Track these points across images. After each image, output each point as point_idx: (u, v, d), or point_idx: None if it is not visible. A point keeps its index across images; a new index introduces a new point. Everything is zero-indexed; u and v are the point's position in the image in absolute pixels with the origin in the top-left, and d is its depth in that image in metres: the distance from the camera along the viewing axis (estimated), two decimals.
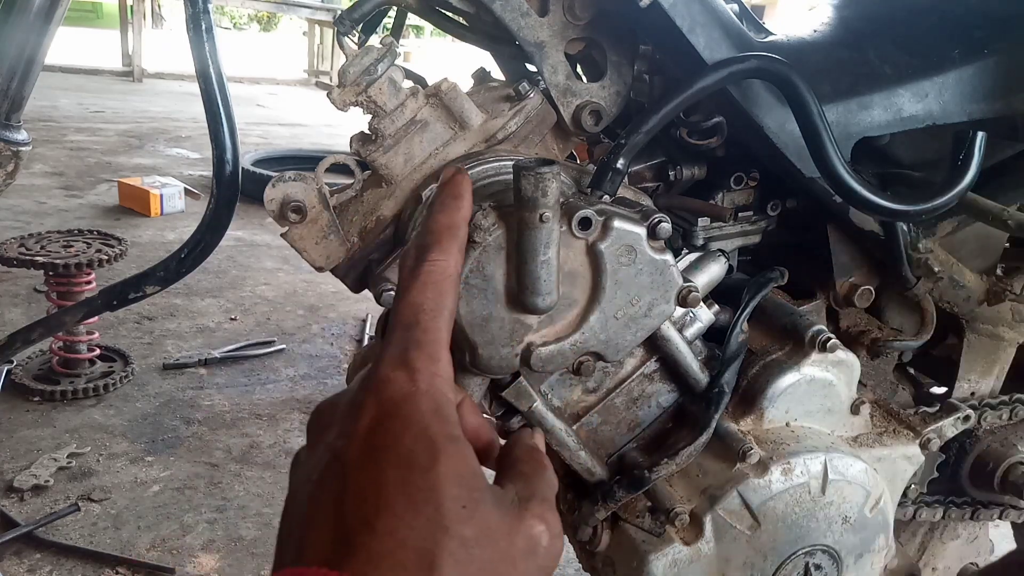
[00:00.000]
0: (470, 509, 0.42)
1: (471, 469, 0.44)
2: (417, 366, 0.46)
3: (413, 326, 0.48)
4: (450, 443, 0.44)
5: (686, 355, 0.87)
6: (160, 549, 1.98)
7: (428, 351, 0.47)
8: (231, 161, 0.96)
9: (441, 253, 0.52)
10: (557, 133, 0.93)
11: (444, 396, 0.46)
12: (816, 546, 0.90)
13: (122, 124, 7.34)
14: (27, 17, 0.94)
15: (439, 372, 0.46)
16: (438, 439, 0.43)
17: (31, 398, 2.58)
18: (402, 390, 0.45)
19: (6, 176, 1.01)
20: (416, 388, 0.45)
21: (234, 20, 25.51)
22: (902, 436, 0.97)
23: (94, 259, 2.51)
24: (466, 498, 0.42)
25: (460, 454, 0.44)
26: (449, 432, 0.44)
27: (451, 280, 0.51)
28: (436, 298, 0.49)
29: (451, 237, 0.53)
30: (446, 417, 0.45)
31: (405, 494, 0.41)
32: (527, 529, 0.45)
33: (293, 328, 3.34)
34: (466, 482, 0.43)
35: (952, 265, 1.06)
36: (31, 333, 1.05)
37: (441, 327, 0.49)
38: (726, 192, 1.00)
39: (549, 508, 0.47)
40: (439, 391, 0.46)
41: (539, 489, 0.48)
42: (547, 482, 0.50)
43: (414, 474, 0.42)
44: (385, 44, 0.81)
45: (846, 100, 0.91)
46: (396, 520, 0.40)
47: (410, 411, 0.44)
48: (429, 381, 0.45)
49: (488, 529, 0.42)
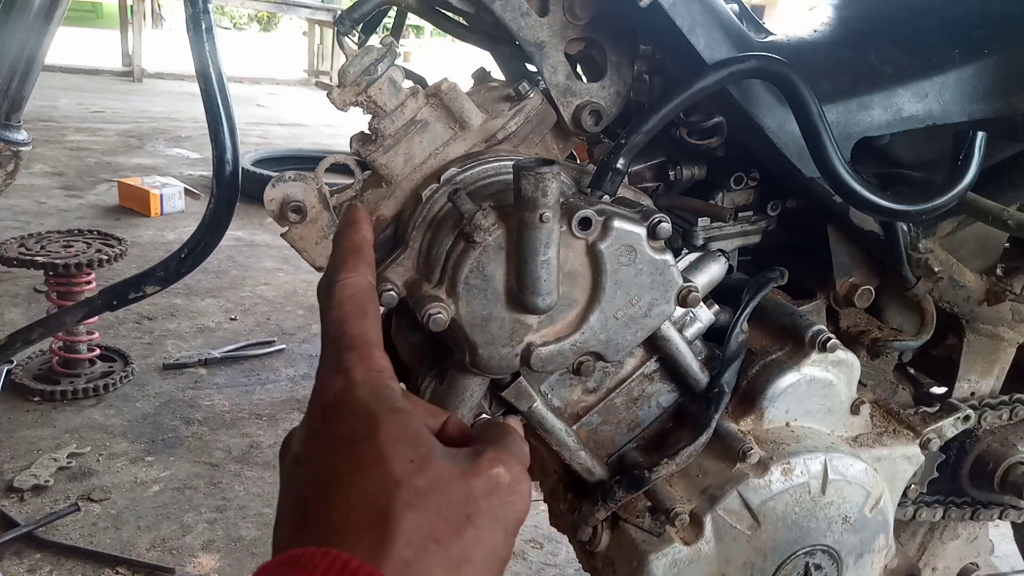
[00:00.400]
0: (418, 462, 0.43)
1: (414, 429, 0.45)
2: (350, 366, 0.48)
3: (340, 337, 0.50)
4: (389, 413, 0.45)
5: (686, 355, 0.87)
6: (160, 549, 1.98)
7: (359, 351, 0.49)
8: (231, 161, 0.96)
9: (348, 271, 0.54)
10: (557, 133, 0.93)
11: (383, 384, 0.47)
12: (816, 546, 0.90)
13: (122, 124, 7.34)
14: (27, 17, 0.94)
15: (373, 367, 0.48)
16: (377, 412, 0.45)
17: (31, 398, 2.58)
18: (339, 388, 0.47)
19: (6, 176, 1.01)
20: (352, 383, 0.47)
21: (234, 20, 25.51)
22: (902, 436, 0.97)
23: (94, 259, 2.51)
24: (412, 453, 0.44)
25: (400, 420, 0.45)
26: (388, 406, 0.46)
27: (365, 291, 0.53)
28: (354, 308, 0.52)
29: (355, 255, 0.56)
30: (385, 397, 0.47)
31: (352, 464, 0.43)
32: (483, 471, 0.45)
33: (293, 328, 3.34)
34: (410, 440, 0.44)
35: (952, 265, 1.06)
36: (31, 333, 1.05)
37: (367, 330, 0.51)
38: (726, 192, 1.00)
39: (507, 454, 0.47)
40: (376, 380, 0.47)
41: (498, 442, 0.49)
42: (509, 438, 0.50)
43: (358, 445, 0.44)
44: (385, 44, 0.81)
45: (846, 100, 0.91)
46: (346, 488, 0.42)
47: (349, 400, 0.46)
48: (364, 375, 0.47)
49: (440, 476, 0.44)
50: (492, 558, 0.44)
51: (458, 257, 0.69)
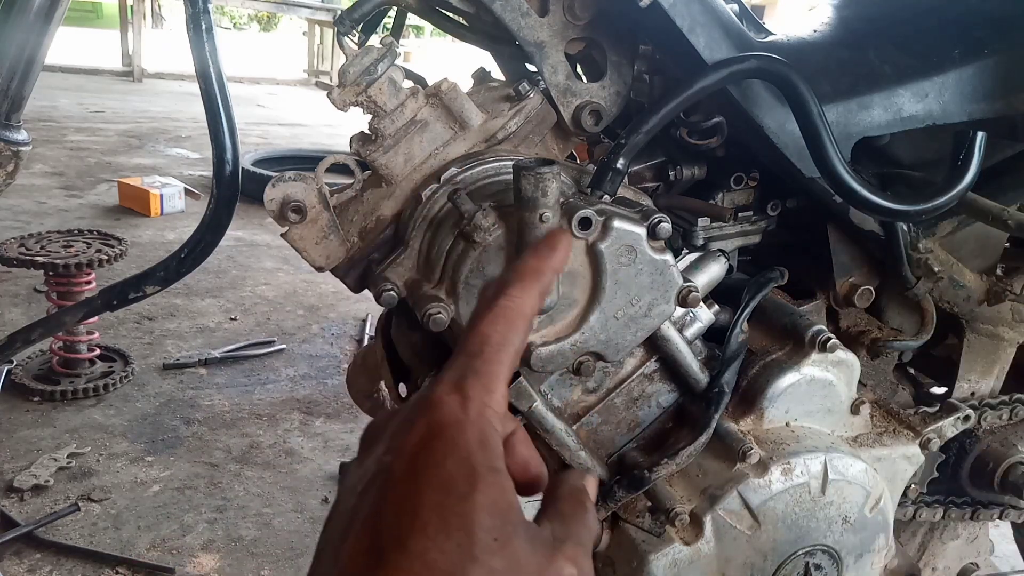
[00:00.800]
0: (501, 541, 0.42)
1: (508, 502, 0.44)
2: (471, 394, 0.47)
3: (476, 355, 0.49)
4: (490, 474, 0.44)
5: (686, 355, 0.87)
6: (160, 549, 1.98)
7: (484, 382, 0.48)
8: (231, 161, 0.96)
9: (521, 291, 0.53)
10: (557, 133, 0.93)
11: (491, 427, 0.47)
12: (816, 546, 0.90)
13: (122, 124, 7.33)
14: (27, 17, 0.94)
15: (491, 404, 0.47)
16: (479, 468, 0.44)
17: (31, 398, 2.58)
18: (452, 415, 0.46)
19: (6, 176, 1.01)
20: (466, 416, 0.46)
21: (234, 20, 25.51)
22: (902, 436, 0.97)
23: (94, 259, 2.51)
24: (499, 530, 0.43)
25: (499, 485, 0.44)
26: (491, 463, 0.45)
27: (524, 319, 0.52)
28: (505, 332, 0.51)
29: (534, 279, 0.54)
30: (490, 448, 0.46)
31: (440, 517, 0.42)
32: (557, 570, 0.45)
33: (293, 328, 3.34)
34: (501, 514, 0.43)
35: (952, 265, 1.06)
36: (31, 333, 1.05)
37: (503, 361, 0.50)
38: (726, 192, 1.00)
39: (583, 553, 0.47)
40: (487, 422, 0.47)
41: (576, 532, 0.48)
42: (586, 526, 0.50)
43: (451, 499, 0.43)
44: (385, 44, 0.81)
45: (846, 100, 0.91)
46: (428, 542, 0.41)
47: (456, 436, 0.45)
48: (479, 411, 0.46)
49: (517, 564, 0.43)
50: None
51: (458, 257, 0.69)
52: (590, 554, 0.48)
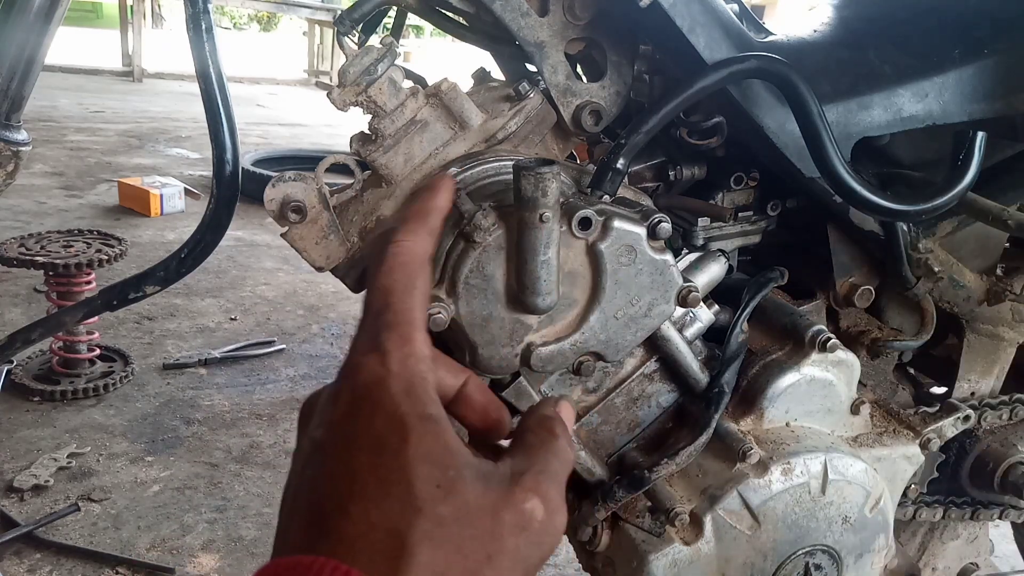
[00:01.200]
0: (445, 487, 0.41)
1: (445, 446, 0.42)
2: (388, 347, 0.45)
3: (384, 310, 0.47)
4: (421, 422, 0.42)
5: (686, 355, 0.87)
6: (160, 549, 1.98)
7: (399, 332, 0.46)
8: (231, 161, 0.96)
9: (408, 235, 0.51)
10: (557, 133, 0.93)
11: (418, 375, 0.45)
12: (816, 546, 0.90)
13: (122, 124, 7.33)
14: (27, 17, 0.94)
15: (412, 352, 0.45)
16: (408, 419, 0.42)
17: (31, 398, 2.58)
18: (374, 373, 0.44)
19: (6, 176, 1.01)
20: (388, 370, 0.44)
21: (234, 20, 25.50)
22: (902, 436, 0.97)
23: (94, 259, 2.51)
24: (440, 477, 0.41)
25: (432, 432, 0.42)
26: (421, 411, 0.43)
27: (419, 260, 0.50)
28: (405, 279, 0.48)
29: (419, 220, 0.52)
30: (418, 396, 0.44)
31: (376, 477, 0.41)
32: (516, 503, 0.42)
33: (293, 328, 3.34)
34: (439, 460, 0.42)
35: (952, 265, 1.06)
36: (31, 333, 1.05)
37: (412, 307, 0.47)
38: (726, 192, 1.00)
39: (547, 480, 0.45)
40: (412, 371, 0.44)
41: (539, 461, 0.46)
42: (553, 453, 0.47)
43: (385, 456, 0.41)
44: (385, 44, 0.81)
45: (846, 100, 0.91)
46: (368, 503, 0.40)
47: (381, 394, 0.43)
48: (401, 362, 0.44)
49: (467, 506, 0.41)
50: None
51: (458, 257, 0.69)
52: (560, 483, 0.46)
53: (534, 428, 0.49)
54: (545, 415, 0.51)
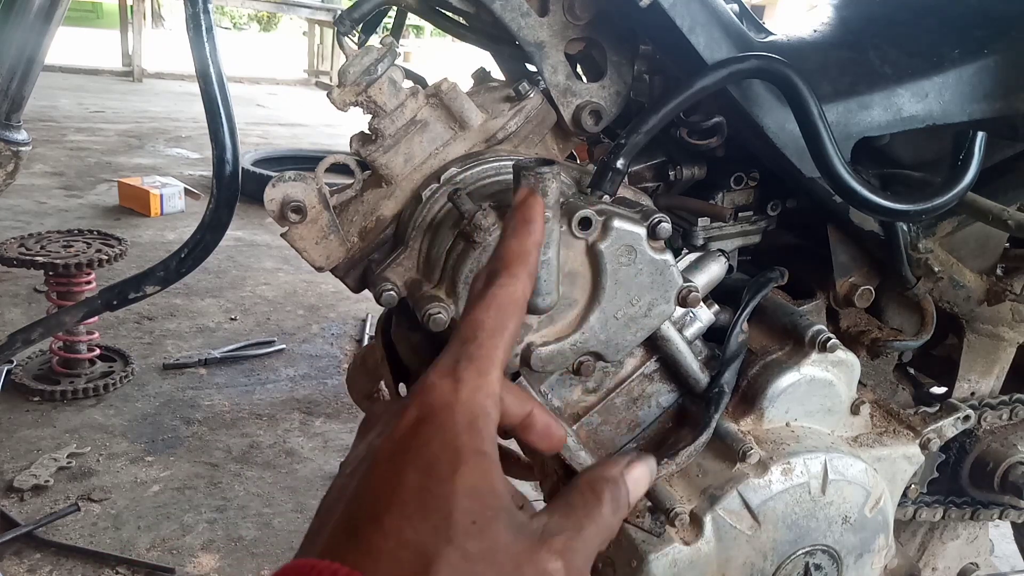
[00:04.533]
0: (480, 525, 0.42)
1: (491, 486, 0.44)
2: (463, 377, 0.46)
3: (470, 341, 0.48)
4: (475, 456, 0.44)
5: (686, 355, 0.87)
6: (160, 549, 1.98)
7: (478, 365, 0.47)
8: (231, 161, 0.96)
9: (510, 279, 0.52)
10: (557, 133, 0.93)
11: (483, 410, 0.46)
12: (816, 546, 0.90)
13: (122, 124, 7.33)
14: (27, 17, 0.94)
15: (484, 387, 0.47)
16: (464, 451, 0.44)
17: (31, 398, 2.58)
18: (442, 398, 0.45)
19: (6, 176, 1.01)
20: (456, 398, 0.45)
21: (234, 20, 25.50)
22: (902, 436, 0.97)
23: (94, 259, 2.51)
24: (478, 514, 0.42)
25: (482, 469, 0.44)
26: (477, 446, 0.44)
27: (516, 304, 0.51)
28: (498, 318, 0.50)
29: (521, 263, 0.53)
30: (478, 431, 0.45)
31: (418, 498, 0.42)
32: (540, 561, 0.43)
33: (293, 328, 3.34)
34: (482, 498, 0.43)
35: (952, 265, 1.06)
36: (31, 333, 1.05)
37: (498, 345, 0.49)
38: (726, 192, 1.00)
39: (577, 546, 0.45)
40: (479, 405, 0.46)
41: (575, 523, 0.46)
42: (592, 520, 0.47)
43: (432, 480, 0.42)
44: (385, 44, 0.81)
45: (846, 100, 0.91)
46: (404, 521, 0.41)
47: (444, 419, 0.45)
48: (471, 394, 0.46)
49: (494, 549, 0.42)
50: None
51: (458, 257, 0.69)
52: (590, 550, 0.46)
53: (583, 488, 0.50)
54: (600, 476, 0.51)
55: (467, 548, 0.41)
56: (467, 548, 0.41)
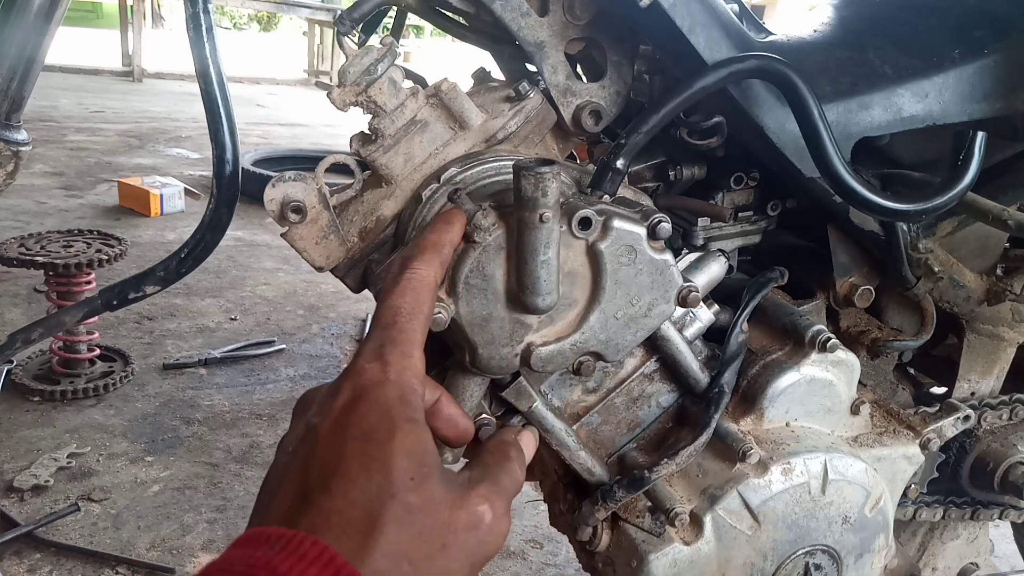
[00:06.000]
0: (417, 481, 0.47)
1: (424, 447, 0.49)
2: (390, 359, 0.51)
3: (390, 326, 0.54)
4: (408, 423, 0.49)
5: (686, 355, 0.87)
6: (160, 549, 1.98)
7: (401, 348, 0.52)
8: (231, 161, 0.96)
9: (423, 264, 0.58)
10: (557, 133, 0.93)
11: (411, 387, 0.51)
12: (816, 546, 0.90)
13: (122, 124, 7.33)
14: (27, 17, 0.94)
15: (409, 367, 0.52)
16: (398, 419, 0.48)
17: (31, 398, 2.58)
18: (373, 378, 0.50)
19: (6, 176, 1.01)
20: (386, 377, 0.50)
21: (234, 20, 25.49)
22: (902, 436, 0.97)
23: (94, 259, 2.51)
24: (415, 471, 0.47)
25: (415, 434, 0.49)
26: (409, 415, 0.49)
27: (429, 288, 0.57)
28: (413, 302, 0.55)
29: (434, 252, 0.59)
30: (409, 403, 0.50)
31: (361, 462, 0.46)
32: (470, 506, 0.49)
33: (293, 328, 3.34)
34: (417, 457, 0.48)
35: (952, 265, 1.06)
36: (31, 333, 1.05)
37: (416, 328, 0.54)
38: (726, 192, 1.00)
39: (497, 492, 0.52)
40: (407, 382, 0.51)
41: (494, 476, 0.53)
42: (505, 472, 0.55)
43: (371, 446, 0.47)
44: (385, 44, 0.81)
45: (846, 100, 0.91)
46: (349, 483, 0.45)
47: (377, 395, 0.49)
48: (399, 373, 0.51)
49: (432, 500, 0.47)
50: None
51: (458, 257, 0.69)
52: (508, 498, 0.53)
53: (492, 449, 0.58)
54: (503, 440, 0.60)
55: (408, 501, 0.46)
56: (408, 501, 0.46)
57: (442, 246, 0.60)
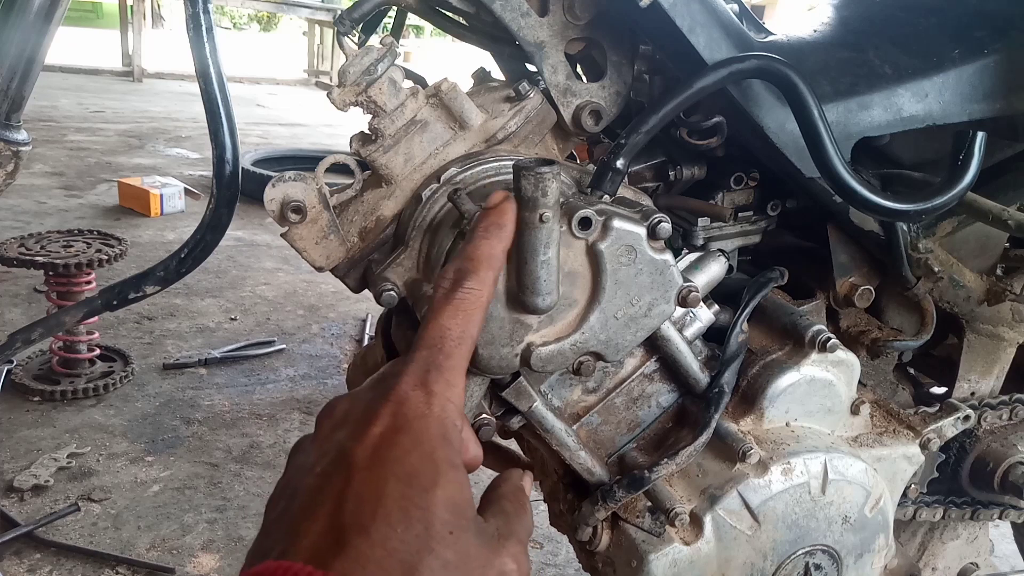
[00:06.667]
0: (455, 535, 0.45)
1: (464, 499, 0.47)
2: (435, 389, 0.49)
3: (437, 349, 0.51)
4: (451, 469, 0.47)
5: (686, 355, 0.87)
6: (160, 549, 1.98)
7: (447, 376, 0.50)
8: (231, 161, 0.96)
9: (477, 282, 0.54)
10: (557, 133, 0.93)
11: (453, 423, 0.49)
12: (816, 546, 0.90)
13: (122, 124, 7.33)
14: (27, 17, 0.94)
15: (452, 399, 0.50)
16: (441, 464, 0.47)
17: (31, 398, 2.58)
18: (417, 409, 0.48)
19: (6, 176, 1.01)
20: (430, 411, 0.48)
21: (234, 20, 25.50)
22: (902, 436, 0.97)
23: (94, 259, 2.51)
24: (454, 524, 0.45)
25: (458, 482, 0.47)
26: (451, 459, 0.48)
27: (481, 310, 0.54)
28: (463, 325, 0.53)
29: (489, 267, 0.56)
30: (452, 444, 0.48)
31: (402, 508, 0.44)
32: (500, 564, 0.48)
33: (293, 328, 3.34)
34: (457, 509, 0.46)
35: (952, 265, 1.06)
36: (31, 333, 1.05)
37: (463, 354, 0.52)
38: (726, 192, 1.00)
39: (523, 550, 0.51)
40: (449, 418, 0.49)
41: (517, 530, 0.52)
42: (525, 525, 0.53)
43: (414, 491, 0.45)
44: (385, 44, 0.81)
45: (846, 100, 0.91)
46: (389, 530, 0.43)
47: (421, 431, 0.47)
48: (442, 406, 0.49)
49: (467, 556, 0.45)
50: None
51: None
52: (526, 548, 0.52)
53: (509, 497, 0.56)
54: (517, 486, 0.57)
55: (445, 557, 0.44)
56: (445, 557, 0.44)
57: (495, 257, 0.57)
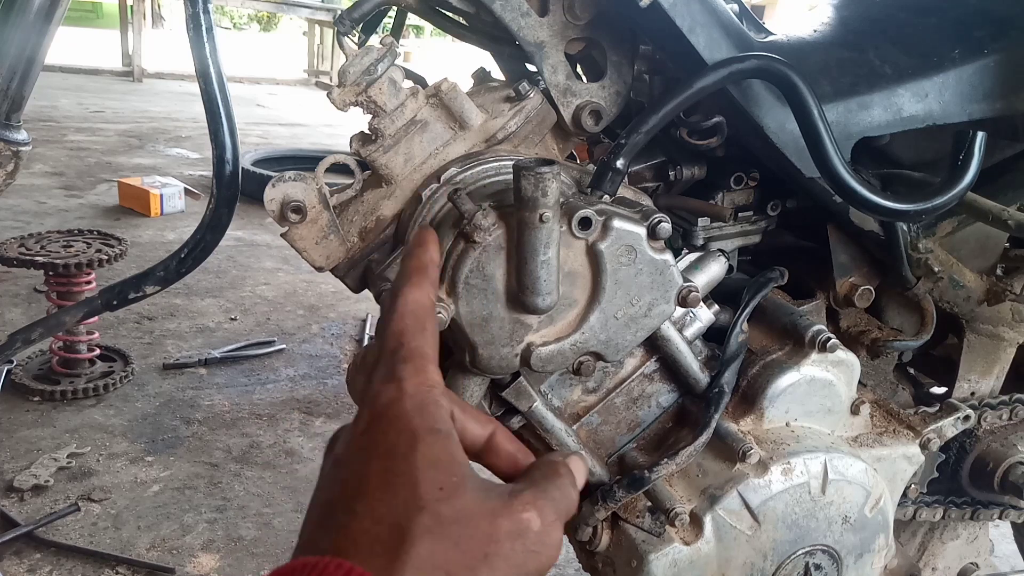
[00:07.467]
0: (448, 490, 0.44)
1: (450, 456, 0.46)
2: (403, 376, 0.49)
3: (398, 348, 0.52)
4: (430, 433, 0.46)
5: (686, 355, 0.87)
6: (160, 549, 1.98)
7: (414, 364, 0.50)
8: (231, 161, 0.96)
9: (413, 287, 0.56)
10: (557, 133, 0.93)
11: (430, 398, 0.49)
12: (816, 546, 0.90)
13: (122, 124, 7.33)
14: (27, 17, 0.94)
15: (425, 380, 0.50)
16: (419, 431, 0.46)
17: (31, 398, 2.58)
18: (389, 397, 0.48)
19: (6, 176, 1.01)
20: (402, 394, 0.48)
21: (234, 20, 25.49)
22: (902, 436, 0.97)
23: (94, 259, 2.51)
24: (443, 480, 0.44)
25: (440, 442, 0.46)
26: (431, 425, 0.47)
27: (426, 308, 0.55)
28: (415, 323, 0.53)
29: (420, 273, 0.58)
30: (429, 414, 0.48)
31: (385, 479, 0.44)
32: (514, 513, 0.45)
33: (293, 328, 3.34)
34: (445, 466, 0.45)
35: (952, 265, 1.06)
36: (31, 333, 1.05)
37: (424, 344, 0.52)
38: (726, 192, 1.00)
39: (545, 500, 0.47)
40: (425, 395, 0.49)
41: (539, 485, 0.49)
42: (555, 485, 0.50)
43: (394, 461, 0.45)
44: (385, 44, 0.81)
45: (846, 100, 0.91)
46: (375, 501, 0.43)
47: (396, 411, 0.48)
48: (415, 387, 0.49)
49: (466, 509, 0.44)
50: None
51: (458, 257, 0.69)
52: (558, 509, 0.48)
53: (539, 466, 0.53)
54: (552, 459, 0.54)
55: (439, 512, 0.43)
56: (439, 512, 0.43)
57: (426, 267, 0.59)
